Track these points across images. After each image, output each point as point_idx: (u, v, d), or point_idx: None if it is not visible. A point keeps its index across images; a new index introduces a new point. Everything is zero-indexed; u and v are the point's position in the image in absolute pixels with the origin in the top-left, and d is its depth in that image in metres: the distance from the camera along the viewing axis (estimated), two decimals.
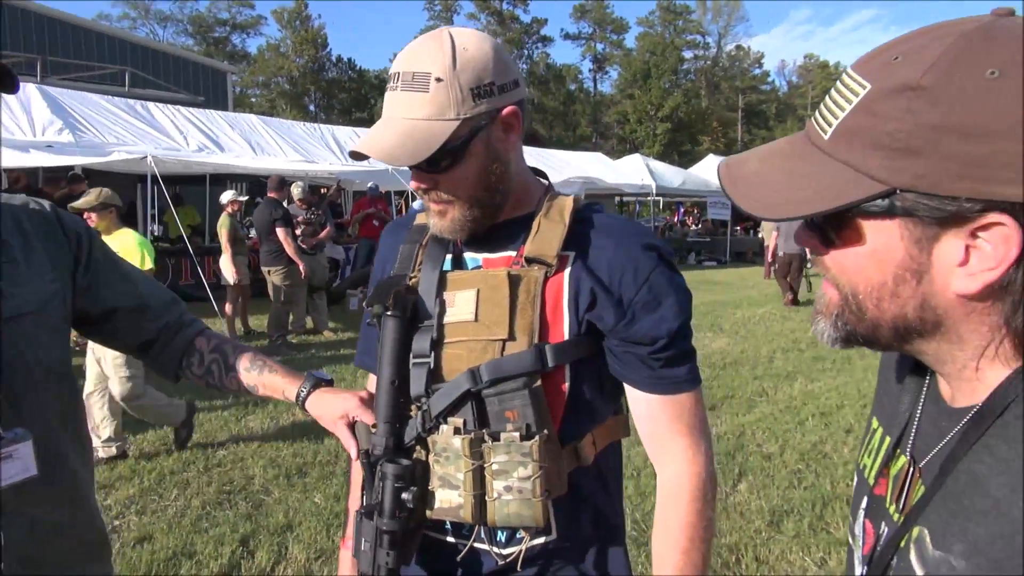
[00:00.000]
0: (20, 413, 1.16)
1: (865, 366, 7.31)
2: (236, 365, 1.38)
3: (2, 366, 1.14)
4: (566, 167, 16.98)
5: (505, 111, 1.07)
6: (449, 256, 1.17)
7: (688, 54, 61.47)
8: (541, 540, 1.11)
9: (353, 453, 1.18)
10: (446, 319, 1.11)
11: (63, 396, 1.27)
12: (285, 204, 7.96)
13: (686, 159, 40.14)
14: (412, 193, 13.79)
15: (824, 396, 6.11)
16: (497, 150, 1.09)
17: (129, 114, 9.93)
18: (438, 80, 1.02)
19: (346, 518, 1.39)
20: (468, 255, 1.18)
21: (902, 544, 0.68)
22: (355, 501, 1.30)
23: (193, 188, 13.48)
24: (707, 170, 21.87)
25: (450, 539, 1.15)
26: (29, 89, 9.02)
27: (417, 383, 1.11)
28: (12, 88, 1.13)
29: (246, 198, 10.99)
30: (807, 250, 0.72)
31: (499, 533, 1.13)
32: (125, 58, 18.92)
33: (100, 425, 4.42)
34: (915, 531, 0.66)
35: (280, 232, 7.37)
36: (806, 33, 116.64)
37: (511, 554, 1.12)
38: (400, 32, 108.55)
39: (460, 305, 1.11)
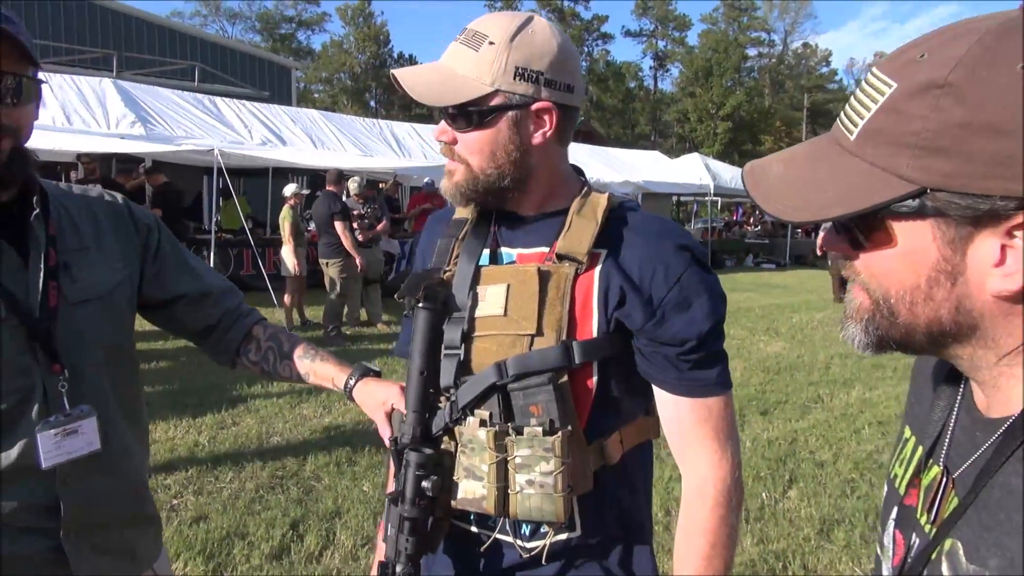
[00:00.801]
0: (82, 391, 1.23)
1: None
2: (290, 353, 1.43)
3: (68, 347, 1.22)
4: (623, 166, 16.84)
5: (540, 103, 1.08)
6: (486, 251, 1.19)
7: (752, 52, 60.21)
8: (565, 536, 1.12)
9: (387, 441, 1.21)
10: (477, 312, 1.13)
11: (122, 377, 1.34)
12: (343, 198, 8.12)
13: (747, 159, 39.12)
14: None
15: (883, 404, 5.94)
16: (522, 136, 1.10)
17: (197, 108, 10.26)
18: (491, 44, 1.06)
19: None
20: (504, 250, 1.19)
21: (933, 556, 0.67)
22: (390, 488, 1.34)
23: (255, 180, 13.85)
24: None
25: (474, 529, 1.17)
26: (105, 84, 9.41)
27: (447, 374, 1.13)
28: None
29: (308, 192, 11.25)
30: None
31: (523, 527, 1.13)
32: (196, 54, 19.57)
33: None
34: (947, 543, 0.65)
35: (338, 225, 7.51)
36: (879, 31, 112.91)
37: (535, 548, 1.12)
38: (460, 28, 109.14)
39: (491, 299, 1.12)
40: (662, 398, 1.14)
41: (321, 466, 4.33)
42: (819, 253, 0.76)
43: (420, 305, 1.13)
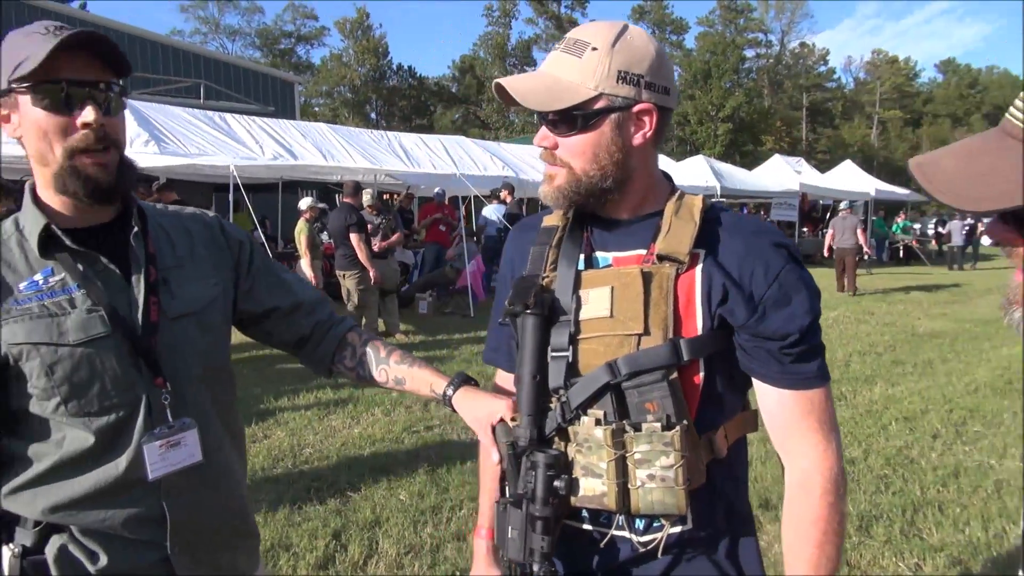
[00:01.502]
0: (184, 404, 1.26)
1: (948, 371, 7.08)
2: (387, 359, 1.45)
3: (168, 360, 1.25)
4: None
5: (641, 105, 1.13)
6: (581, 256, 1.22)
7: (750, 53, 60.27)
8: (678, 529, 1.14)
9: (495, 456, 1.22)
10: (582, 315, 1.16)
11: (221, 391, 1.37)
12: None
13: (748, 160, 39.35)
14: (475, 198, 13.95)
15: (907, 400, 5.94)
16: (623, 138, 1.14)
17: (208, 125, 10.30)
18: (593, 49, 1.11)
19: (474, 511, 1.45)
20: (599, 254, 1.23)
21: None
22: (488, 494, 1.36)
23: (265, 195, 13.92)
24: (773, 170, 21.42)
25: (587, 527, 1.19)
26: None
27: (556, 376, 1.15)
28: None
29: (323, 205, 11.30)
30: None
31: (638, 521, 1.16)
32: (199, 71, 19.69)
33: None
34: None
35: (354, 238, 7.54)
36: (874, 28, 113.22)
37: (650, 541, 1.15)
38: (459, 39, 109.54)
39: (595, 302, 1.15)
40: (764, 392, 1.17)
41: (355, 476, 4.35)
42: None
43: (529, 311, 1.16)
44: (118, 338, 1.19)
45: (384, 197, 10.25)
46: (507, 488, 1.20)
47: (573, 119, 1.12)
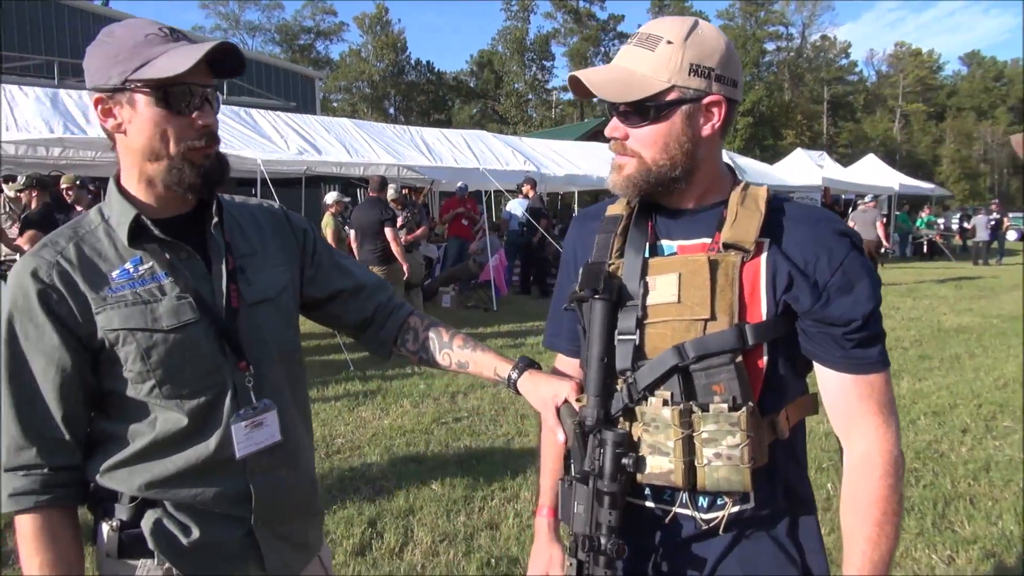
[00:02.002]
0: (264, 386, 1.33)
1: (975, 366, 7.03)
2: (450, 342, 1.49)
3: (249, 345, 1.31)
4: None
5: (712, 96, 1.17)
6: (647, 244, 1.26)
7: (770, 46, 59.77)
8: (740, 507, 1.18)
9: (560, 436, 1.27)
10: (649, 300, 1.20)
11: (294, 374, 1.43)
12: None
13: (768, 154, 39.11)
14: (496, 192, 13.95)
15: (935, 395, 5.92)
16: (693, 129, 1.19)
17: (234, 120, 10.41)
18: (668, 43, 1.15)
19: (536, 492, 1.49)
20: (664, 242, 1.27)
21: None
22: (550, 475, 1.41)
23: (287, 190, 14.02)
24: (794, 164, 21.26)
25: (650, 504, 1.23)
26: None
27: (623, 358, 1.20)
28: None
29: (349, 199, 11.38)
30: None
31: (701, 500, 1.20)
32: None
33: None
34: None
35: (388, 232, 7.51)
36: (896, 21, 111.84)
37: (712, 519, 1.19)
38: (477, 34, 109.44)
39: (662, 288, 1.19)
40: (826, 376, 1.20)
41: (387, 466, 4.42)
42: None
43: (597, 296, 1.20)
44: (206, 324, 1.26)
45: (404, 192, 10.30)
46: (572, 466, 1.24)
47: (646, 110, 1.16)
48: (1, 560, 3.37)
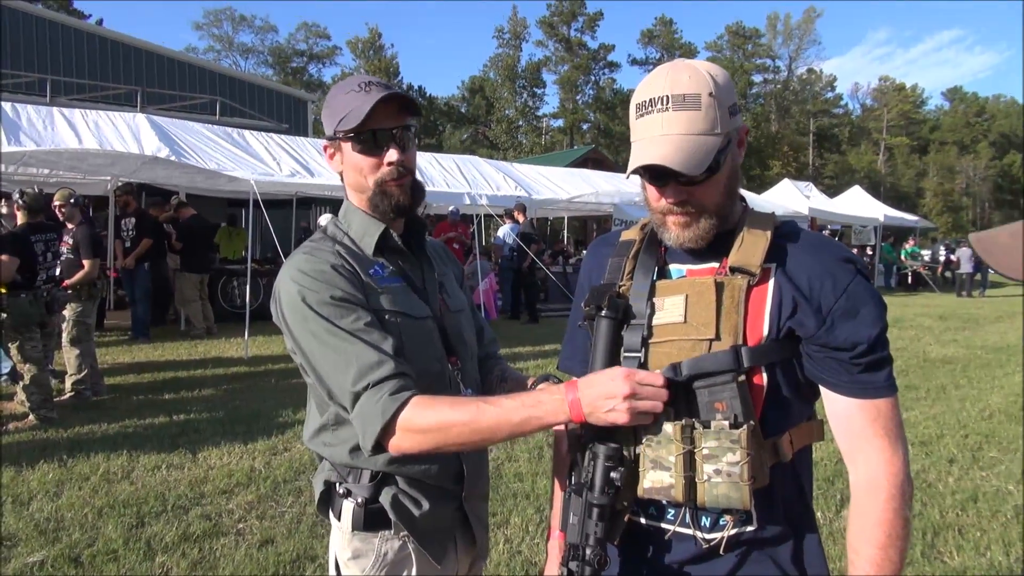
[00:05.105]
0: (466, 378, 1.56)
1: (961, 396, 7.10)
2: (497, 388, 1.68)
3: (456, 342, 1.56)
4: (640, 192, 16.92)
5: (744, 127, 1.23)
6: (656, 267, 1.29)
7: (757, 78, 60.85)
8: (742, 528, 1.19)
9: (564, 446, 1.31)
10: (655, 320, 1.23)
11: (477, 371, 1.66)
12: None
13: (755, 184, 39.53)
14: (487, 217, 13.99)
15: (921, 425, 5.96)
16: (736, 163, 1.24)
17: (227, 141, 10.44)
18: (710, 96, 1.16)
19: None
20: (673, 266, 1.30)
21: None
22: (560, 500, 1.41)
23: (278, 212, 14.03)
24: (781, 195, 21.51)
25: (653, 523, 1.24)
26: (139, 119, 9.62)
27: None
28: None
29: None
30: None
31: (703, 519, 1.21)
32: (214, 88, 19.92)
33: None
34: None
35: None
36: (884, 55, 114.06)
37: (714, 539, 1.19)
38: (469, 60, 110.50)
39: (669, 308, 1.22)
40: (832, 400, 1.22)
41: None
42: None
43: (603, 314, 1.23)
44: (433, 321, 1.50)
45: None
46: (573, 477, 1.26)
47: (707, 168, 1.16)
48: (0, 560, 3.34)
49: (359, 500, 1.44)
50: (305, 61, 57.25)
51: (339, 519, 1.48)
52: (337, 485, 1.49)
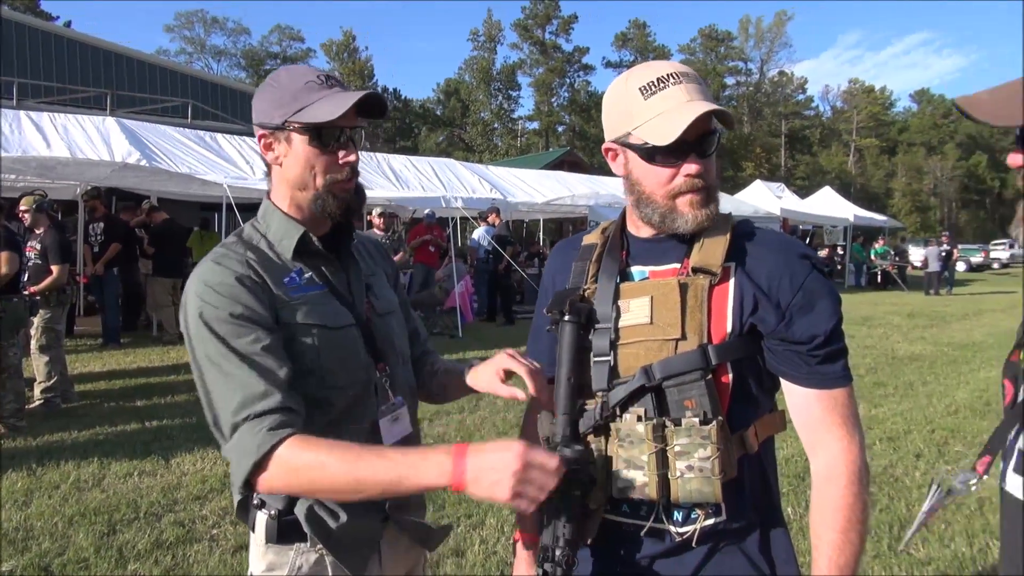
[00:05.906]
0: (396, 385, 1.49)
1: (928, 392, 7.24)
2: (441, 375, 1.66)
3: (384, 348, 1.48)
4: (616, 194, 17.07)
5: None
6: (619, 269, 1.33)
7: (730, 80, 61.55)
8: (713, 521, 1.22)
9: (520, 395, 1.33)
10: (622, 323, 1.26)
11: (410, 375, 1.60)
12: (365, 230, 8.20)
13: (728, 185, 39.94)
14: (462, 220, 14.01)
15: (889, 421, 6.08)
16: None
17: (199, 145, 10.37)
18: (704, 78, 1.24)
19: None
20: (635, 268, 1.33)
21: None
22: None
23: (251, 215, 13.87)
24: (754, 196, 21.78)
25: (627, 520, 1.27)
26: (109, 123, 9.51)
27: (599, 379, 1.25)
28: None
29: None
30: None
31: (676, 514, 1.24)
32: (186, 91, 19.69)
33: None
34: None
35: None
36: (855, 58, 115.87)
37: (687, 532, 1.23)
38: (443, 63, 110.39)
39: (635, 310, 1.26)
40: (792, 391, 1.26)
41: None
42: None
43: (566, 319, 1.26)
44: (357, 328, 1.42)
45: (368, 218, 10.32)
46: None
47: (714, 140, 1.26)
48: (0, 559, 3.30)
49: (272, 512, 1.37)
50: (278, 63, 56.74)
51: (253, 531, 1.41)
52: (252, 495, 1.39)
